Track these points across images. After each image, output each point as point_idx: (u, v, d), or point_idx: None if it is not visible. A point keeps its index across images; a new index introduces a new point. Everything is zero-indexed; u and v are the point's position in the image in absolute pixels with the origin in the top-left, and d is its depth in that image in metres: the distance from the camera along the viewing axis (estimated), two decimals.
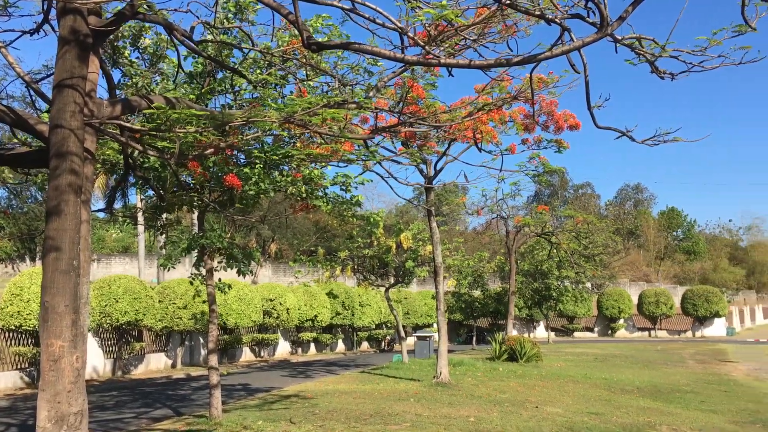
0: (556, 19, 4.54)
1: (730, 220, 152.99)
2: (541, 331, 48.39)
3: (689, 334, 52.01)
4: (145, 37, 10.24)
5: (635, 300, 52.46)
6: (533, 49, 4.78)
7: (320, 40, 6.30)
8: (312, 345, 34.21)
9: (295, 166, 9.76)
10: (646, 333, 52.25)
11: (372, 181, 45.05)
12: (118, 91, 9.13)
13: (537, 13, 4.69)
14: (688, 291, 53.48)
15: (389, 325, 38.62)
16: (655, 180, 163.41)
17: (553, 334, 46.76)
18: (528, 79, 6.03)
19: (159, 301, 23.89)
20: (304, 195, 10.64)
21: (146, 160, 9.98)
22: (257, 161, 8.78)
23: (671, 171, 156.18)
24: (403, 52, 5.30)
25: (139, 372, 22.96)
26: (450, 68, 7.43)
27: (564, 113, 15.08)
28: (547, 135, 16.42)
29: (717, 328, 52.10)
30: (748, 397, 16.95)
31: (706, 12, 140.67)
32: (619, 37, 4.62)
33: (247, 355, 29.37)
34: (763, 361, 28.71)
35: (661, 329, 52.22)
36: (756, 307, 71.02)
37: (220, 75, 10.37)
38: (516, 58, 4.55)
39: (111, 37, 8.87)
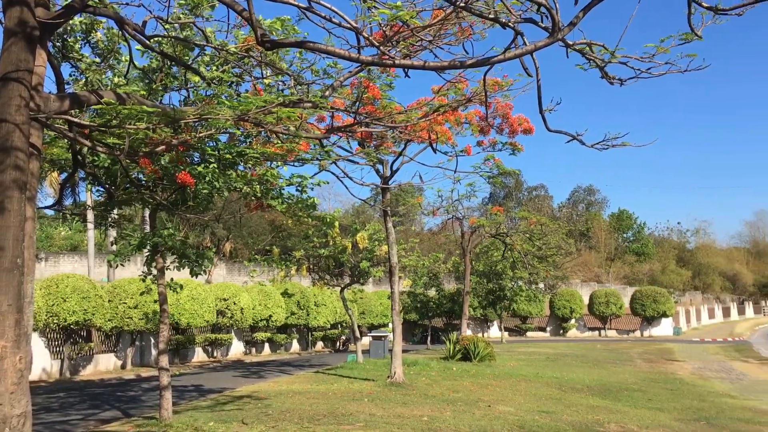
0: (510, 23, 4.60)
1: (678, 223, 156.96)
2: (495, 331, 48.92)
3: (638, 333, 53.24)
4: (96, 32, 10.02)
5: (586, 300, 53.50)
6: (487, 52, 4.84)
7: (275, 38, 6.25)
8: (266, 345, 33.94)
9: (250, 165, 9.67)
10: (597, 332, 53.32)
11: (328, 182, 44.89)
12: (67, 86, 8.92)
13: (491, 16, 4.74)
14: (637, 291, 54.75)
15: (344, 324, 38.58)
16: (607, 183, 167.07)
17: (506, 333, 47.33)
18: (484, 82, 6.08)
19: (109, 301, 23.39)
20: (258, 194, 10.55)
21: (96, 156, 9.77)
22: (211, 159, 8.66)
23: (622, 174, 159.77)
24: (359, 52, 5.29)
25: (87, 373, 22.44)
26: (406, 69, 7.46)
27: (518, 117, 15.31)
28: (502, 138, 16.64)
29: (664, 328, 53.47)
30: (692, 395, 17.41)
31: (655, 20, 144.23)
32: (571, 42, 4.70)
33: (199, 356, 28.98)
34: (707, 360, 29.56)
35: (610, 329, 53.36)
36: (701, 308, 73.06)
37: (176, 71, 10.21)
38: (470, 60, 4.59)
39: (60, 30, 8.66)
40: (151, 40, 7.44)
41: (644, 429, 11.84)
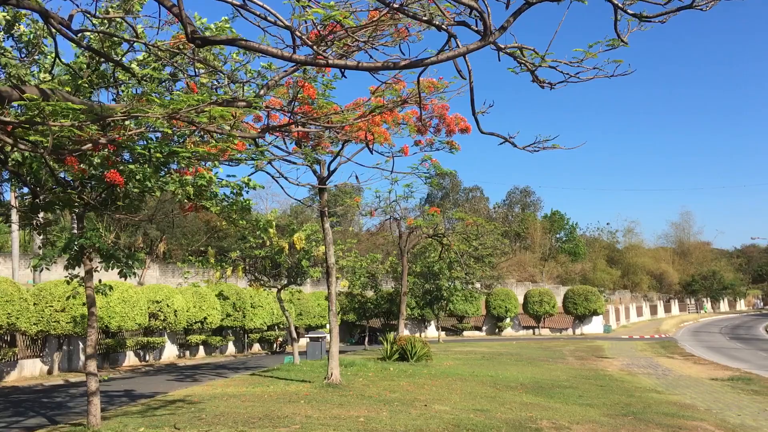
0: (444, 26, 4.63)
1: (607, 224, 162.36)
2: (432, 331, 49.37)
3: (570, 331, 54.66)
4: (20, 25, 9.61)
5: (521, 299, 54.59)
6: (420, 54, 4.86)
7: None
8: (201, 348, 33.33)
9: (184, 165, 9.45)
10: (531, 331, 54.49)
11: (264, 187, 44.44)
12: None
13: (425, 18, 4.76)
14: (570, 291, 56.20)
15: (282, 326, 38.24)
16: (540, 185, 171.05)
17: (443, 333, 47.84)
18: (418, 83, 6.11)
19: (34, 304, 22.51)
20: (192, 196, 10.32)
21: (20, 154, 9.37)
22: (141, 159, 8.43)
23: (556, 175, 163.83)
24: (294, 51, 5.24)
25: (11, 379, 21.55)
26: (342, 69, 7.42)
27: (455, 116, 15.44)
28: (439, 138, 16.78)
29: (595, 326, 55.08)
30: (621, 391, 17.96)
31: (585, 26, 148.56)
32: (502, 46, 4.77)
33: (131, 360, 28.24)
34: (635, 357, 30.55)
35: (544, 327, 54.61)
36: (630, 306, 75.55)
37: (106, 68, 9.89)
38: (404, 61, 4.60)
39: None
40: (79, 35, 7.19)
41: (575, 425, 12.13)
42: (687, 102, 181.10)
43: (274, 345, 39.47)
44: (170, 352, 31.13)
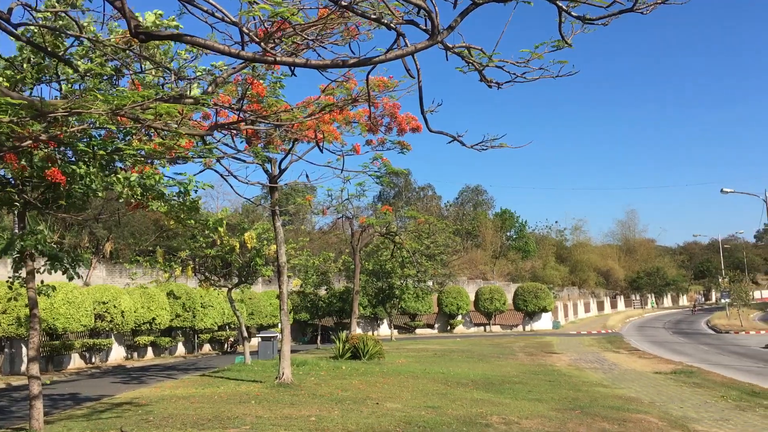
0: (392, 24, 4.64)
1: (556, 222, 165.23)
2: (384, 329, 49.50)
3: (520, 328, 55.49)
4: None
5: (473, 297, 55.18)
6: (369, 52, 4.86)
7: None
8: (149, 349, 32.73)
9: (130, 164, 9.24)
10: (482, 328, 55.14)
11: (212, 186, 43.83)
12: None
13: (374, 17, 4.76)
14: (520, 288, 57.04)
15: (233, 326, 37.84)
16: (491, 183, 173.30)
17: (396, 331, 48.02)
18: (367, 81, 6.11)
19: None
20: (138, 196, 10.09)
21: None
22: (85, 157, 8.21)
23: (507, 174, 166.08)
24: (243, 48, 5.18)
25: None
26: (292, 67, 7.37)
27: (406, 115, 15.52)
28: (390, 137, 16.84)
29: (544, 322, 56.06)
30: (569, 385, 18.30)
31: (532, 27, 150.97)
32: (450, 46, 4.80)
33: (76, 362, 27.55)
34: (583, 352, 31.19)
35: (495, 324, 55.31)
36: (578, 302, 77.11)
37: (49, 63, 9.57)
38: (352, 59, 4.60)
39: None
40: (20, 29, 6.97)
41: (524, 419, 12.32)
42: (631, 100, 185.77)
43: (225, 345, 39.02)
44: (117, 353, 30.49)
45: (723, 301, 59.80)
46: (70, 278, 11.10)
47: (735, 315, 56.22)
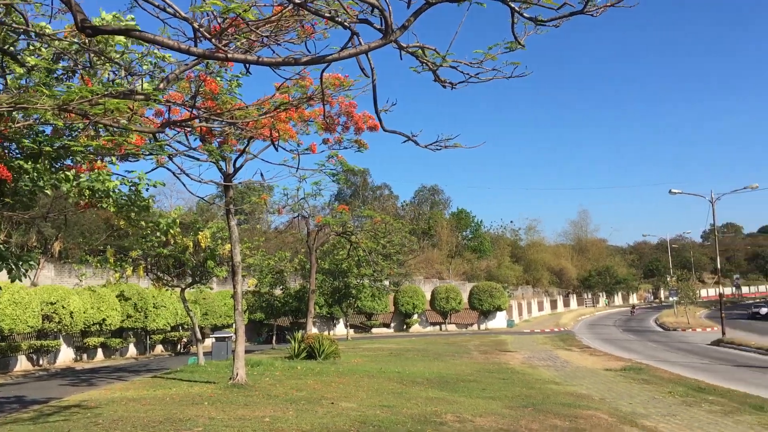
0: (346, 23, 4.62)
1: (511, 221, 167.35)
2: (340, 329, 49.43)
3: (475, 327, 56.02)
4: None
5: (429, 296, 55.49)
6: (323, 50, 4.83)
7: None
8: (99, 350, 32.05)
9: (79, 161, 8.99)
10: (438, 327, 55.48)
11: (165, 184, 43.08)
12: None
13: (328, 15, 4.74)
14: (475, 287, 57.57)
15: (186, 326, 37.30)
16: (447, 183, 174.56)
17: (352, 330, 47.98)
18: (321, 79, 6.08)
19: None
20: (87, 194, 9.83)
21: None
22: (31, 154, 7.96)
23: (464, 174, 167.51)
24: (196, 45, 5.09)
25: None
26: (246, 65, 7.29)
27: (363, 114, 15.48)
28: (347, 135, 16.78)
29: (499, 321, 56.70)
30: (522, 383, 18.55)
31: (487, 28, 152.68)
32: (404, 45, 4.80)
33: (23, 364, 26.81)
34: (536, 350, 31.65)
35: (451, 323, 55.72)
36: (532, 301, 78.23)
37: None
38: (306, 57, 4.57)
39: None
40: None
41: (478, 417, 12.43)
42: (583, 102, 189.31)
43: (179, 346, 38.44)
44: (66, 355, 29.76)
45: (671, 299, 61.34)
46: (13, 279, 10.77)
47: (682, 313, 57.76)
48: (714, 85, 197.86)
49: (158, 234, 14.24)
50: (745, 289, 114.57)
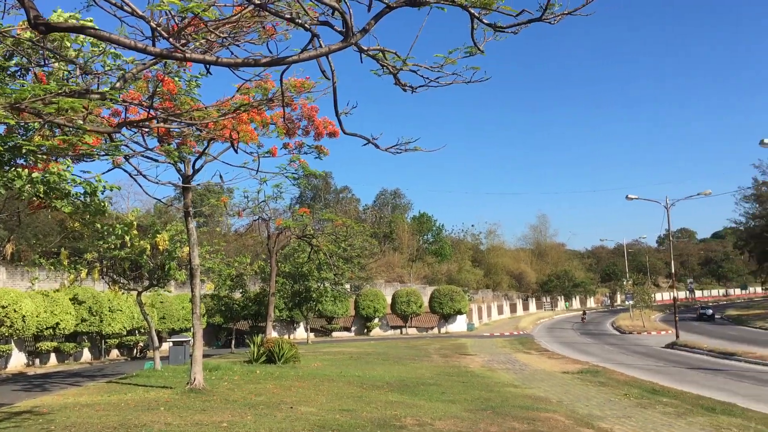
0: (306, 25, 4.60)
1: (472, 225, 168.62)
2: (301, 332, 49.16)
3: (436, 330, 56.24)
4: None
5: (389, 300, 55.55)
6: (283, 52, 4.80)
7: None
8: (53, 355, 31.29)
9: (32, 161, 8.77)
10: (399, 331, 55.56)
11: (120, 188, 42.33)
12: None
13: (288, 16, 4.71)
14: (436, 291, 57.83)
15: (143, 330, 36.64)
16: (408, 186, 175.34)
17: (312, 334, 47.75)
18: (281, 81, 6.04)
19: None
20: (41, 194, 9.59)
21: None
22: None
23: (425, 178, 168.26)
24: (153, 44, 5.01)
25: None
26: (206, 65, 7.20)
27: (324, 120, 15.44)
28: (308, 140, 16.70)
29: (459, 325, 57.04)
30: (482, 386, 18.68)
31: (448, 33, 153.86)
32: (365, 48, 4.80)
33: None
34: (495, 353, 31.92)
35: (411, 327, 55.85)
36: (492, 305, 78.92)
37: None
38: (265, 58, 4.53)
39: None
40: None
41: (437, 420, 12.46)
42: (543, 106, 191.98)
43: (135, 350, 37.76)
44: (18, 360, 28.99)
45: (627, 303, 62.53)
46: None
47: (638, 316, 58.93)
48: (670, 92, 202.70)
49: (114, 237, 13.97)
50: (698, 293, 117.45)
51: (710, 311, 64.41)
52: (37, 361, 30.30)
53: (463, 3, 4.28)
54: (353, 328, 54.58)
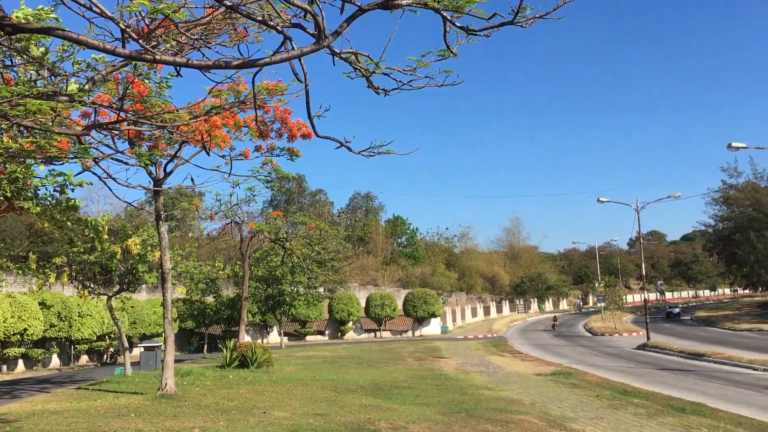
0: (278, 27, 4.57)
1: (446, 229, 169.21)
2: (274, 336, 48.85)
3: (410, 333, 56.30)
4: None
5: (363, 303, 55.45)
6: (255, 54, 4.76)
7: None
8: (20, 361, 30.73)
9: (1, 162, 8.61)
10: (373, 334, 55.51)
11: (92, 184, 41.78)
12: None
13: (260, 18, 4.67)
14: (410, 294, 57.89)
15: (113, 336, 36.14)
16: (383, 190, 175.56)
17: (286, 338, 47.49)
18: (253, 83, 5.99)
19: None
20: (8, 195, 9.42)
21: None
22: None
23: (399, 181, 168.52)
24: (123, 46, 4.94)
25: None
26: (176, 67, 7.11)
27: (297, 122, 15.40)
28: (280, 143, 16.65)
29: (433, 327, 57.15)
30: (455, 389, 18.73)
31: (422, 35, 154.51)
32: (338, 51, 4.78)
33: None
34: (469, 356, 32.03)
35: (385, 330, 55.83)
36: (466, 307, 79.21)
37: None
38: (236, 61, 4.48)
39: None
40: None
41: (411, 424, 12.46)
42: (515, 109, 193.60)
43: (105, 356, 37.23)
44: None
45: (599, 305, 63.21)
46: None
47: (610, 318, 59.55)
48: (638, 97, 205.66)
49: (86, 234, 13.69)
50: (668, 295, 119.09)
51: (677, 310, 70.65)
52: (4, 367, 29.73)
53: (436, 6, 4.29)
54: (327, 332, 54.40)
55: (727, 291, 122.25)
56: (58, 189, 10.04)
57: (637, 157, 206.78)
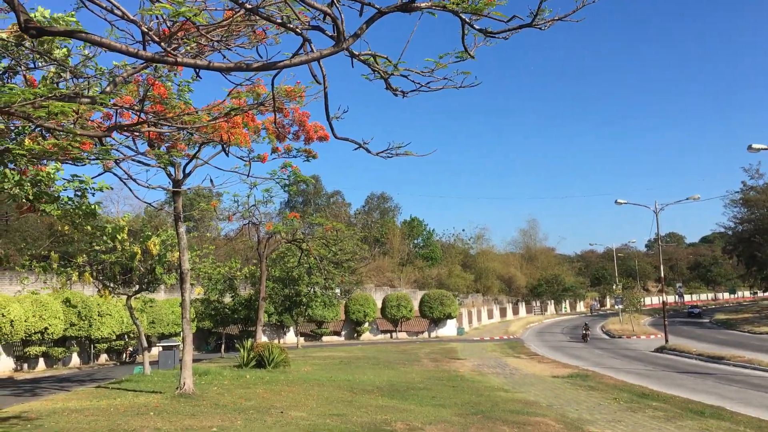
0: (298, 29, 4.61)
1: (462, 230, 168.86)
2: (291, 337, 49.02)
3: (426, 334, 56.24)
4: None
5: (379, 304, 55.46)
6: (274, 56, 4.82)
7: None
8: (41, 360, 31.08)
9: (24, 164, 8.73)
10: (389, 335, 55.51)
11: (112, 188, 42.16)
12: None
13: (279, 21, 4.72)
14: (426, 295, 57.81)
15: (132, 335, 36.46)
16: (399, 191, 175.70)
17: (302, 339, 47.63)
18: (272, 85, 6.04)
19: None
20: (31, 197, 9.54)
21: None
22: None
23: (417, 181, 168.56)
24: (144, 48, 5.01)
25: None
26: (196, 69, 7.19)
27: (314, 124, 15.46)
28: (296, 144, 16.71)
29: (449, 329, 57.04)
30: (471, 390, 18.70)
31: (439, 38, 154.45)
32: (357, 53, 4.82)
33: None
34: (485, 358, 31.96)
35: (401, 331, 55.81)
36: (482, 309, 78.95)
37: None
38: (257, 63, 4.53)
39: None
40: None
41: (428, 425, 12.48)
42: (529, 112, 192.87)
43: (124, 355, 37.56)
44: (6, 365, 28.78)
45: (617, 307, 62.76)
46: None
47: (627, 320, 59.12)
48: (661, 97, 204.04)
49: (105, 239, 13.83)
50: (687, 297, 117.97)
51: (697, 310, 75.86)
52: (26, 365, 30.09)
53: (455, 9, 4.31)
54: (343, 333, 54.48)
55: (747, 294, 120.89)
56: (79, 193, 10.16)
57: (656, 157, 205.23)
